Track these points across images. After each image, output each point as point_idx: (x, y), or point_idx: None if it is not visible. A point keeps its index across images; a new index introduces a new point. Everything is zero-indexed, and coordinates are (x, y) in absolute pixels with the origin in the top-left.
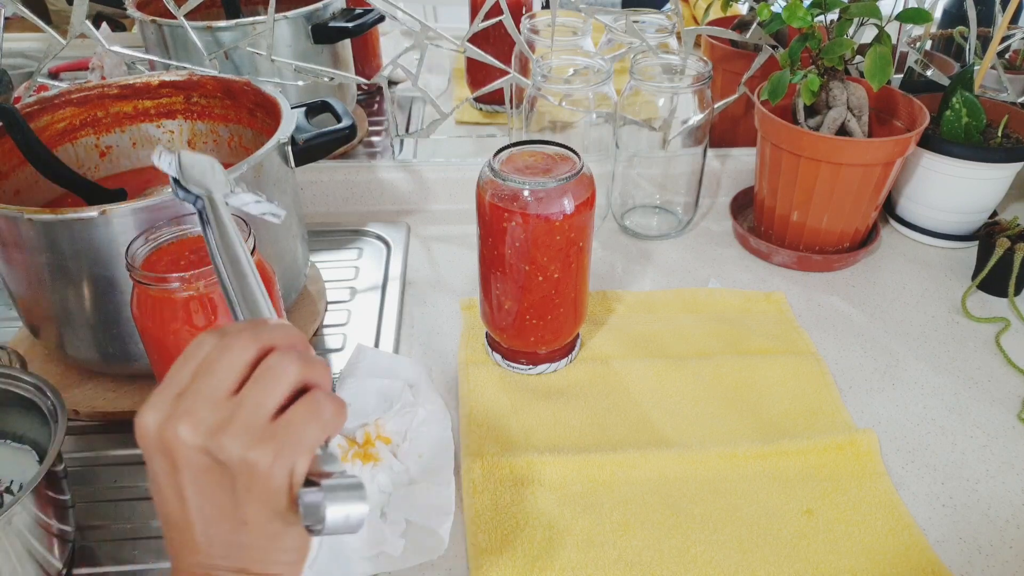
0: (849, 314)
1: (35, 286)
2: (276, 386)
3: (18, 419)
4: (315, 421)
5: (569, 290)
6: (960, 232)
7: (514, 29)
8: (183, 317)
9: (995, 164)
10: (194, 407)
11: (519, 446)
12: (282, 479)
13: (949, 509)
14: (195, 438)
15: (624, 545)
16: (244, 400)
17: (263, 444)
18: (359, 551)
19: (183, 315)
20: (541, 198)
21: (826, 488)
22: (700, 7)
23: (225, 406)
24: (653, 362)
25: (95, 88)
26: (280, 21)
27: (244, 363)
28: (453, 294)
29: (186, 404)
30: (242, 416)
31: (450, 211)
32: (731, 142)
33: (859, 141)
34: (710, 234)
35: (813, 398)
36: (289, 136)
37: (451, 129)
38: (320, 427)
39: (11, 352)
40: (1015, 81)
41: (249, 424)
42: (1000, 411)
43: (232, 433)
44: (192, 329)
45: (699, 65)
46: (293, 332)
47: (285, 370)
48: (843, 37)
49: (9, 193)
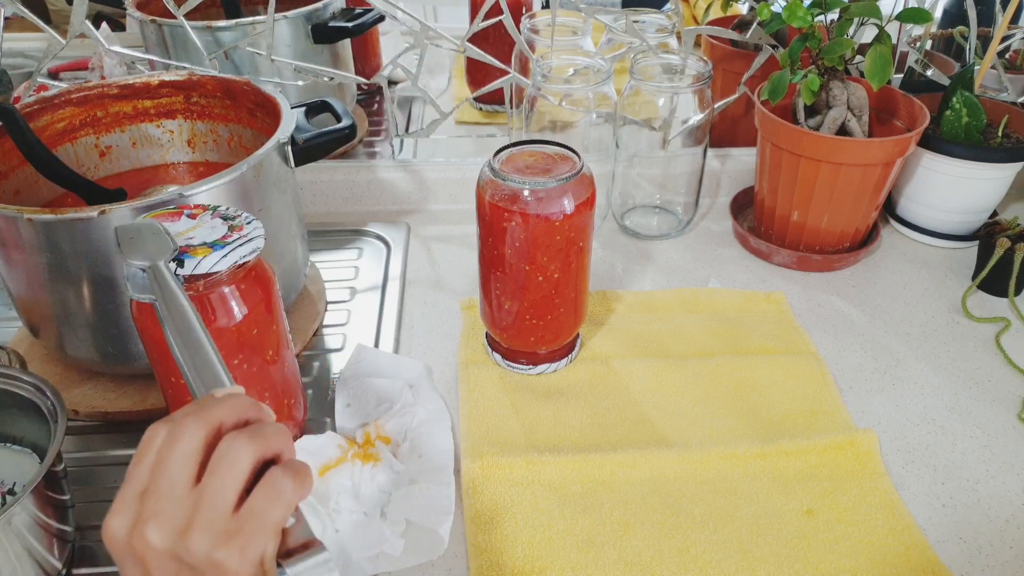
0: (849, 314)
1: (35, 286)
2: (232, 474)
3: (18, 419)
4: (277, 504)
5: (569, 290)
6: (960, 232)
7: (514, 29)
8: None
9: (995, 164)
10: (158, 507)
11: (519, 446)
12: (251, 572)
13: (949, 509)
14: (163, 542)
15: (624, 545)
16: (203, 494)
17: (229, 542)
18: (359, 551)
19: None
20: (541, 198)
21: (826, 488)
22: (700, 7)
23: (187, 501)
24: (653, 362)
25: (95, 88)
26: (280, 21)
27: (196, 450)
28: (453, 294)
29: (150, 505)
30: (204, 512)
31: (450, 211)
32: (731, 142)
33: (859, 141)
34: (710, 234)
35: (813, 398)
36: (289, 136)
37: (451, 129)
38: (284, 507)
39: (11, 352)
40: (1015, 81)
41: (212, 520)
42: (1000, 411)
43: (197, 533)
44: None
45: (699, 65)
46: (241, 403)
47: (238, 456)
48: (843, 37)
49: (9, 193)
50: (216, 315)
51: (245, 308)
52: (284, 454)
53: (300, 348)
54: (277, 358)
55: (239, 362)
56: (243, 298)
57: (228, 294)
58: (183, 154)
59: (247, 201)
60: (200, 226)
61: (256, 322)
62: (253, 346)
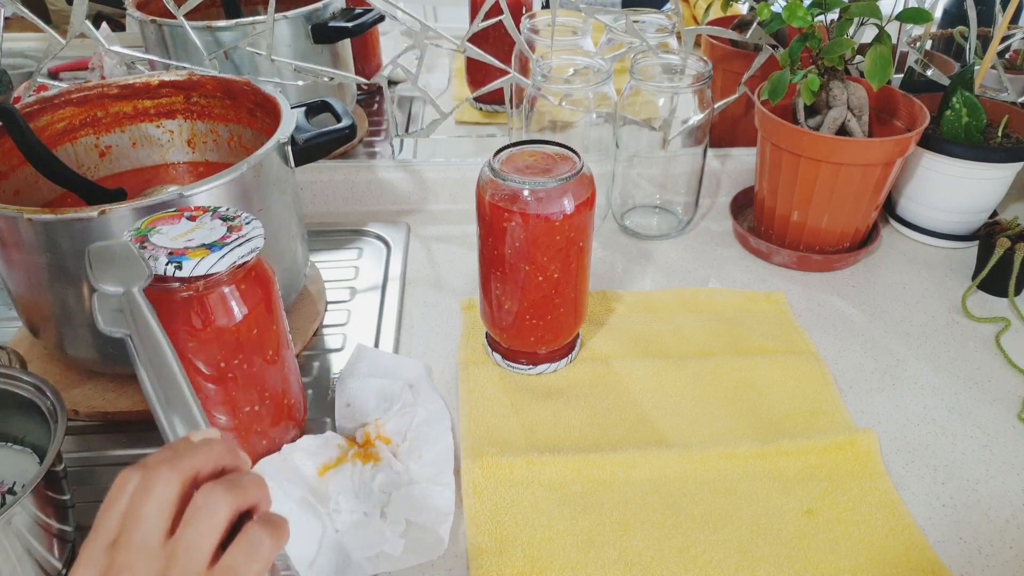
0: (849, 314)
1: (35, 286)
2: (208, 528)
3: (18, 419)
4: (255, 560)
5: (569, 290)
6: (960, 232)
7: (514, 29)
8: (183, 318)
9: (995, 164)
10: (129, 560)
11: (519, 446)
12: None
13: (949, 509)
14: None
15: (624, 545)
16: (178, 548)
17: None
18: (359, 551)
19: (183, 316)
20: (541, 198)
21: (826, 488)
22: (700, 7)
23: (160, 555)
24: (653, 362)
25: (95, 88)
26: (280, 21)
27: (171, 501)
28: (453, 294)
29: (121, 558)
30: (178, 568)
31: (450, 211)
32: (731, 142)
33: (859, 141)
34: (710, 234)
35: (813, 398)
36: (289, 136)
37: (451, 129)
38: (261, 564)
39: (11, 352)
40: (1015, 81)
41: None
42: (1000, 411)
43: None
44: (191, 330)
45: (699, 65)
46: (218, 449)
47: (215, 509)
48: (843, 37)
49: (9, 193)
50: (216, 315)
51: (245, 308)
52: (261, 505)
53: (300, 348)
54: (277, 358)
55: (239, 362)
56: (243, 298)
57: (228, 294)
58: (183, 154)
59: (247, 201)
60: (200, 228)
61: (256, 322)
62: (253, 346)
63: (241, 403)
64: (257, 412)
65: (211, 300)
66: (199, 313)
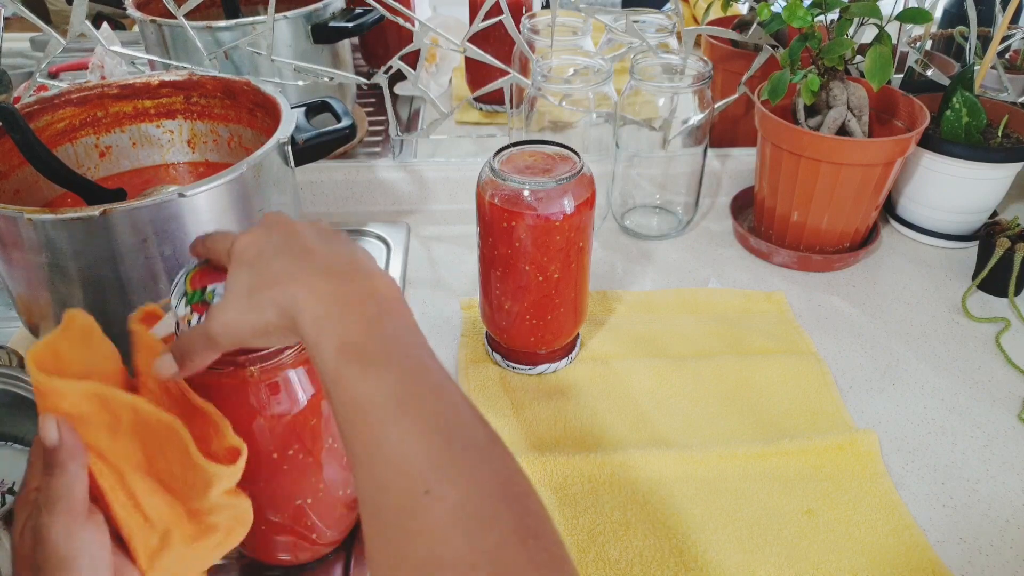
0: (849, 314)
1: (35, 286)
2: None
3: (18, 419)
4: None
5: (569, 290)
6: (960, 232)
7: (514, 29)
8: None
9: (995, 164)
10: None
11: (519, 446)
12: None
13: (949, 509)
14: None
15: (624, 545)
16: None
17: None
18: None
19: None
20: (541, 198)
21: (826, 488)
22: (700, 7)
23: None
24: (653, 362)
25: (95, 88)
26: (280, 21)
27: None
28: (453, 294)
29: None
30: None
31: (450, 211)
32: (731, 142)
33: (859, 141)
34: (710, 234)
35: (813, 398)
36: (289, 136)
37: (451, 129)
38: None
39: (11, 352)
40: (1015, 81)
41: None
42: (1000, 411)
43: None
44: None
45: (699, 65)
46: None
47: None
48: (843, 37)
49: (9, 193)
50: (276, 402)
51: (312, 388)
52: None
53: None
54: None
55: (294, 452)
56: (310, 378)
57: (292, 378)
58: (183, 154)
59: (247, 201)
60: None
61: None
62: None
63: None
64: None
65: (269, 387)
66: (256, 398)
